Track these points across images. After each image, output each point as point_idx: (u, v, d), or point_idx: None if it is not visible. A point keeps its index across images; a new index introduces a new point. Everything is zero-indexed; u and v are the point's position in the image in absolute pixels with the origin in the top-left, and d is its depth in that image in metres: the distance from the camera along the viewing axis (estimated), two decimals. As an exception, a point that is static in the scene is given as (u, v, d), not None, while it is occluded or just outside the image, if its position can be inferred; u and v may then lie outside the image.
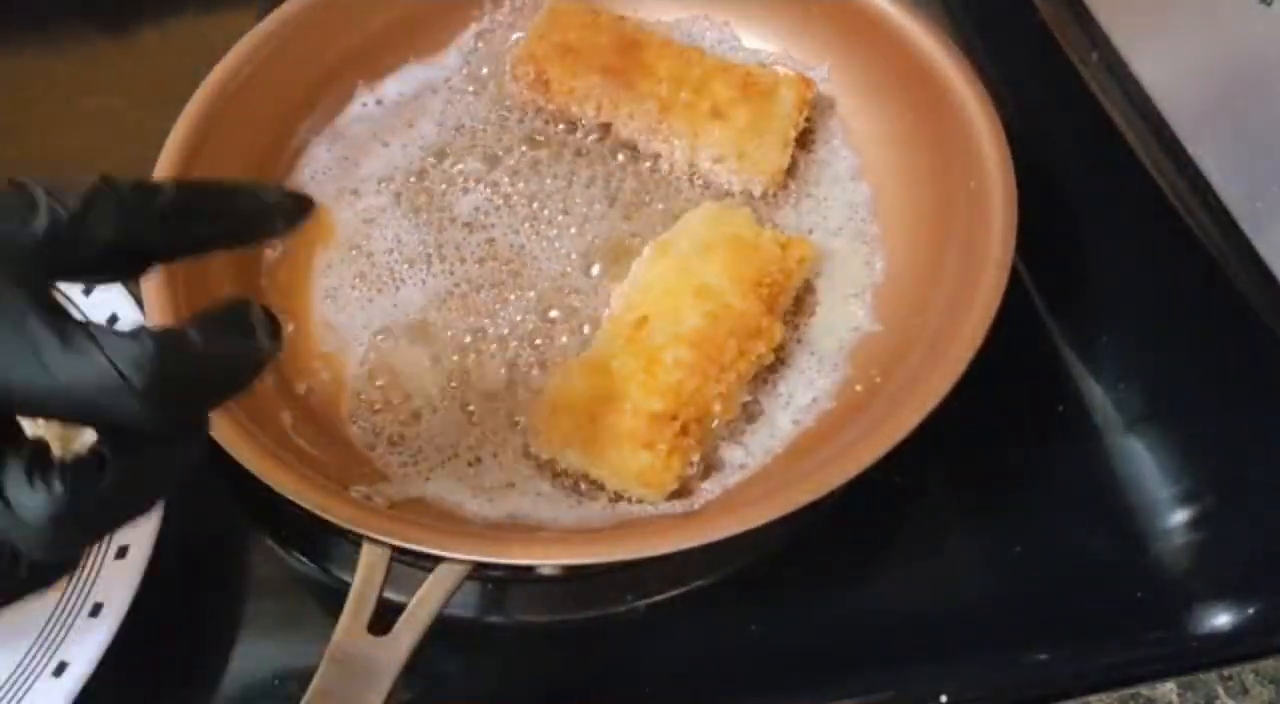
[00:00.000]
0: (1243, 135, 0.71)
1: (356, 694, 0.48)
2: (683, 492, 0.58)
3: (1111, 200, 0.74)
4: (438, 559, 0.52)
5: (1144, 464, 0.64)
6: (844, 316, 0.64)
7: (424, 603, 0.50)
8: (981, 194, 0.62)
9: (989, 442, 0.63)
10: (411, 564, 0.56)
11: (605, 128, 0.70)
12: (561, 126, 0.71)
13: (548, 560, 0.54)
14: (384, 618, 0.50)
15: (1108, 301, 0.70)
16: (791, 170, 0.69)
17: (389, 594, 0.51)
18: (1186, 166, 0.73)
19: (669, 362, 0.58)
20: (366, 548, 0.52)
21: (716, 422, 0.59)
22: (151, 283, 0.59)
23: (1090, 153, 0.77)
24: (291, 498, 0.53)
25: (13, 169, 0.75)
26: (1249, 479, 0.63)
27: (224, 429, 0.55)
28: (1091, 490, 0.63)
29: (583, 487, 0.59)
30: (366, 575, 0.51)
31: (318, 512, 0.53)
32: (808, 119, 0.69)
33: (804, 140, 0.70)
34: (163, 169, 0.64)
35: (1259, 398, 0.66)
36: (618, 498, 0.58)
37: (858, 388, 0.61)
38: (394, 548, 0.52)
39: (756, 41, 0.75)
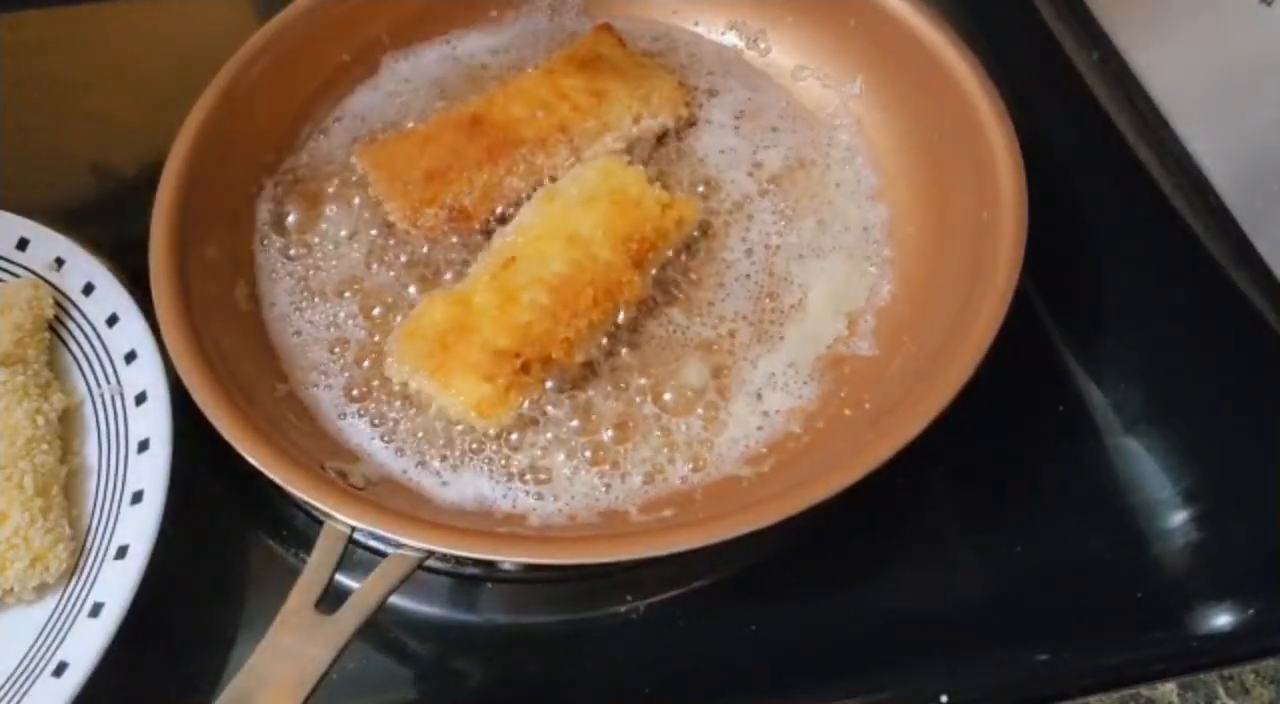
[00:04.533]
0: (1243, 135, 0.71)
1: (294, 669, 0.48)
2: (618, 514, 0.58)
3: (1111, 201, 0.74)
4: (397, 546, 0.52)
5: (1144, 465, 0.64)
6: (829, 330, 0.64)
7: (373, 587, 0.51)
8: (994, 226, 0.61)
9: (989, 443, 0.63)
10: (370, 550, 0.57)
11: (539, 182, 0.68)
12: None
13: (502, 556, 0.54)
14: (336, 599, 0.51)
15: (1108, 302, 0.70)
16: (812, 185, 0.70)
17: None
18: (1186, 166, 0.73)
19: (525, 302, 0.61)
20: (326, 526, 0.53)
21: (561, 365, 0.60)
22: (159, 278, 0.60)
23: (1090, 154, 0.77)
24: (259, 467, 0.53)
25: (14, 168, 0.76)
26: (1249, 479, 0.63)
27: (210, 398, 0.55)
28: (1092, 491, 0.63)
29: (542, 478, 0.59)
30: (322, 553, 0.52)
31: (282, 484, 0.53)
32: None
33: (823, 158, 0.71)
34: (177, 154, 0.64)
35: (1259, 398, 0.66)
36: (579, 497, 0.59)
37: (846, 412, 0.61)
38: (351, 528, 0.53)
39: (790, 54, 0.75)
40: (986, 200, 0.63)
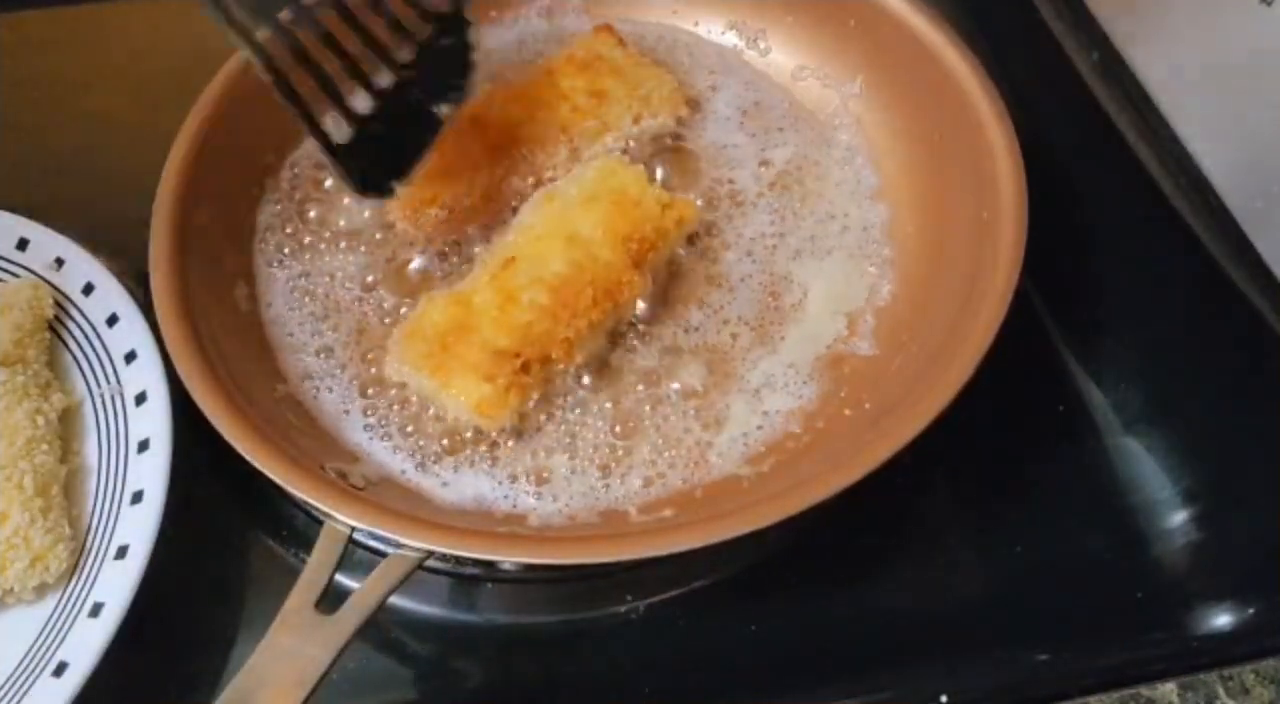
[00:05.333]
0: (1243, 135, 0.71)
1: (294, 669, 0.48)
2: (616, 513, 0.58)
3: (1111, 201, 0.74)
4: (397, 546, 0.52)
5: (1144, 465, 0.64)
6: (828, 330, 0.64)
7: (373, 587, 0.51)
8: (993, 226, 0.61)
9: (989, 443, 0.63)
10: (370, 550, 0.57)
11: (539, 182, 0.69)
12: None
13: (501, 556, 0.54)
14: (336, 599, 0.51)
15: (1108, 302, 0.70)
16: (812, 185, 0.70)
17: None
18: (1186, 166, 0.73)
19: (525, 302, 0.61)
20: (326, 526, 0.53)
21: (561, 365, 0.61)
22: (159, 277, 0.60)
23: (1090, 154, 0.77)
24: (258, 467, 0.54)
25: (14, 168, 0.76)
26: (1249, 479, 0.63)
27: (210, 398, 0.55)
28: (1092, 491, 0.63)
29: (539, 479, 0.59)
30: (322, 553, 0.52)
31: (282, 484, 0.53)
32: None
33: (823, 158, 0.71)
34: (177, 154, 0.64)
35: (1259, 398, 0.66)
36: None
37: (846, 412, 0.61)
38: (351, 528, 0.53)
39: (790, 54, 0.75)
40: (986, 200, 0.63)
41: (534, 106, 0.69)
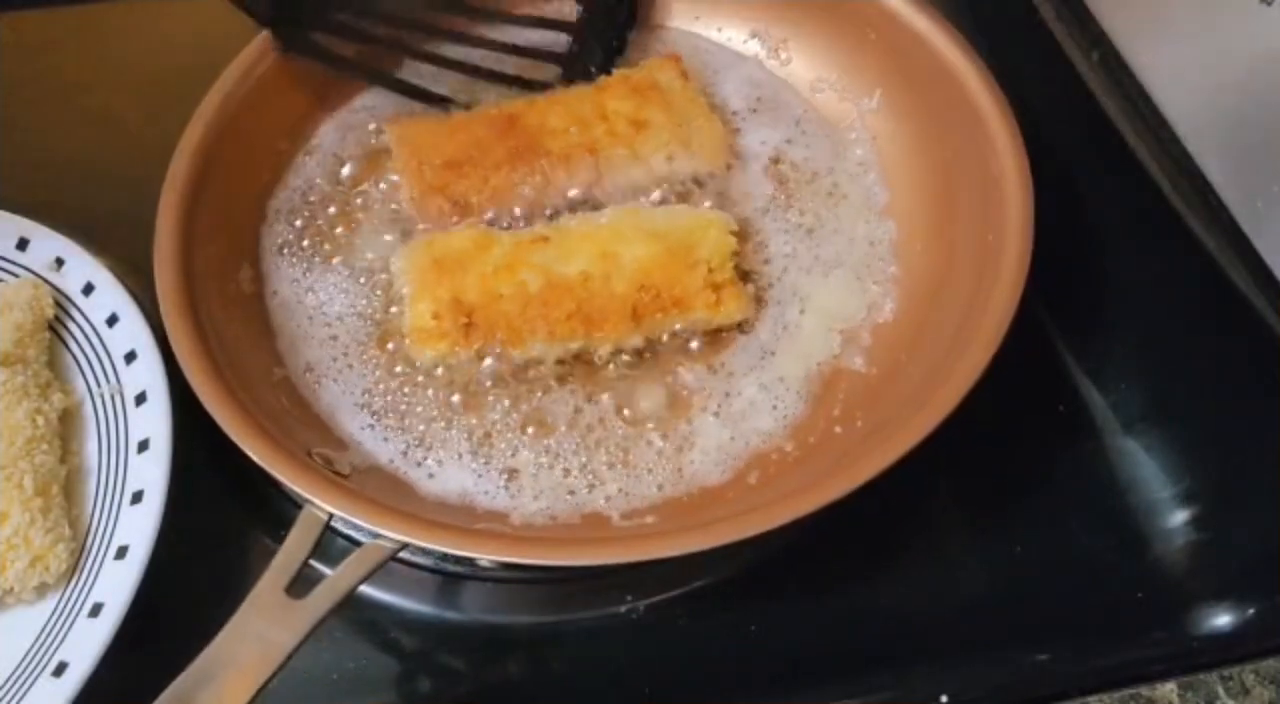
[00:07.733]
0: (1243, 135, 0.71)
1: (258, 651, 0.49)
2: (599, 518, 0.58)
3: (1111, 200, 0.74)
4: (374, 535, 0.52)
5: (1144, 465, 0.64)
6: (825, 344, 0.64)
7: (344, 575, 0.51)
8: (998, 250, 0.61)
9: (989, 442, 0.63)
10: (351, 541, 0.58)
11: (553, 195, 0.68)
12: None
13: (476, 552, 0.54)
14: (307, 585, 0.51)
15: (1108, 302, 0.70)
16: (823, 197, 0.69)
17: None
18: (1186, 166, 0.73)
19: (518, 279, 0.61)
20: (304, 511, 0.53)
21: (501, 347, 0.61)
22: (163, 273, 0.60)
23: (1090, 153, 0.77)
24: (240, 446, 0.54)
25: (14, 168, 0.76)
26: (1249, 479, 0.63)
27: (202, 378, 0.56)
28: (1092, 491, 0.63)
29: (526, 478, 0.59)
30: (297, 538, 0.52)
31: (261, 463, 0.53)
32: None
33: (836, 171, 0.71)
34: (192, 133, 0.65)
35: (1259, 398, 0.66)
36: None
37: (838, 429, 0.61)
38: (329, 515, 0.53)
39: (810, 65, 0.74)
40: (993, 224, 0.62)
41: (571, 120, 0.68)
